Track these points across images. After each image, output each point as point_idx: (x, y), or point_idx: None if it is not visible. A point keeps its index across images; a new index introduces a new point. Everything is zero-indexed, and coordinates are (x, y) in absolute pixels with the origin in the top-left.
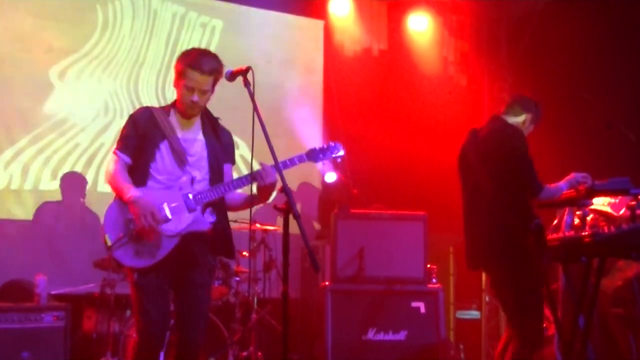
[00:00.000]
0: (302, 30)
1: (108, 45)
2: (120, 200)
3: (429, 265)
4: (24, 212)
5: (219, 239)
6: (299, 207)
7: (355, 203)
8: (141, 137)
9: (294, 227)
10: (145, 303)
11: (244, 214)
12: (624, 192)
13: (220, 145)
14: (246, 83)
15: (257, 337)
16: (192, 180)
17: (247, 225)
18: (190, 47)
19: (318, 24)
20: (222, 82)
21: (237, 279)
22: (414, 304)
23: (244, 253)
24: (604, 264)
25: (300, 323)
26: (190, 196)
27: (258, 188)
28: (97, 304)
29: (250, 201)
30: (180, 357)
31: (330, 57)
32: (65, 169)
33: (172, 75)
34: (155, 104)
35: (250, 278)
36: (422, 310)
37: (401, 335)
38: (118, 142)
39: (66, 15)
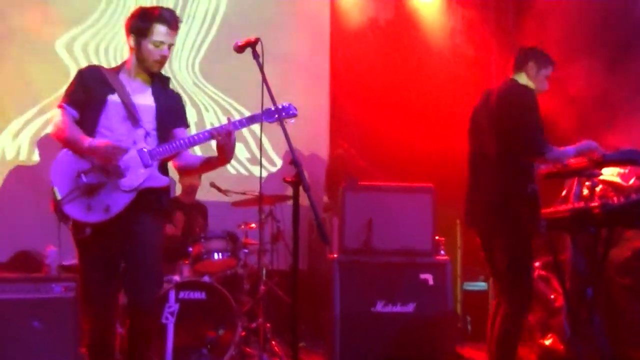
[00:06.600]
0: None
1: (113, 17)
2: (71, 151)
3: (436, 238)
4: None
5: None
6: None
7: (363, 175)
8: (88, 91)
9: (301, 198)
10: (89, 262)
11: (253, 187)
12: (634, 162)
13: (169, 106)
14: (255, 55)
15: (266, 308)
16: (146, 135)
17: (256, 198)
18: (196, 17)
19: None
20: (231, 53)
21: (246, 251)
22: (422, 276)
23: (252, 225)
24: (612, 234)
25: (308, 295)
26: (146, 150)
27: (217, 147)
28: None
29: (208, 162)
30: (130, 317)
31: (337, 26)
32: None
33: (178, 47)
34: None
35: (259, 250)
36: (431, 282)
37: (410, 307)
38: (64, 96)
39: None
